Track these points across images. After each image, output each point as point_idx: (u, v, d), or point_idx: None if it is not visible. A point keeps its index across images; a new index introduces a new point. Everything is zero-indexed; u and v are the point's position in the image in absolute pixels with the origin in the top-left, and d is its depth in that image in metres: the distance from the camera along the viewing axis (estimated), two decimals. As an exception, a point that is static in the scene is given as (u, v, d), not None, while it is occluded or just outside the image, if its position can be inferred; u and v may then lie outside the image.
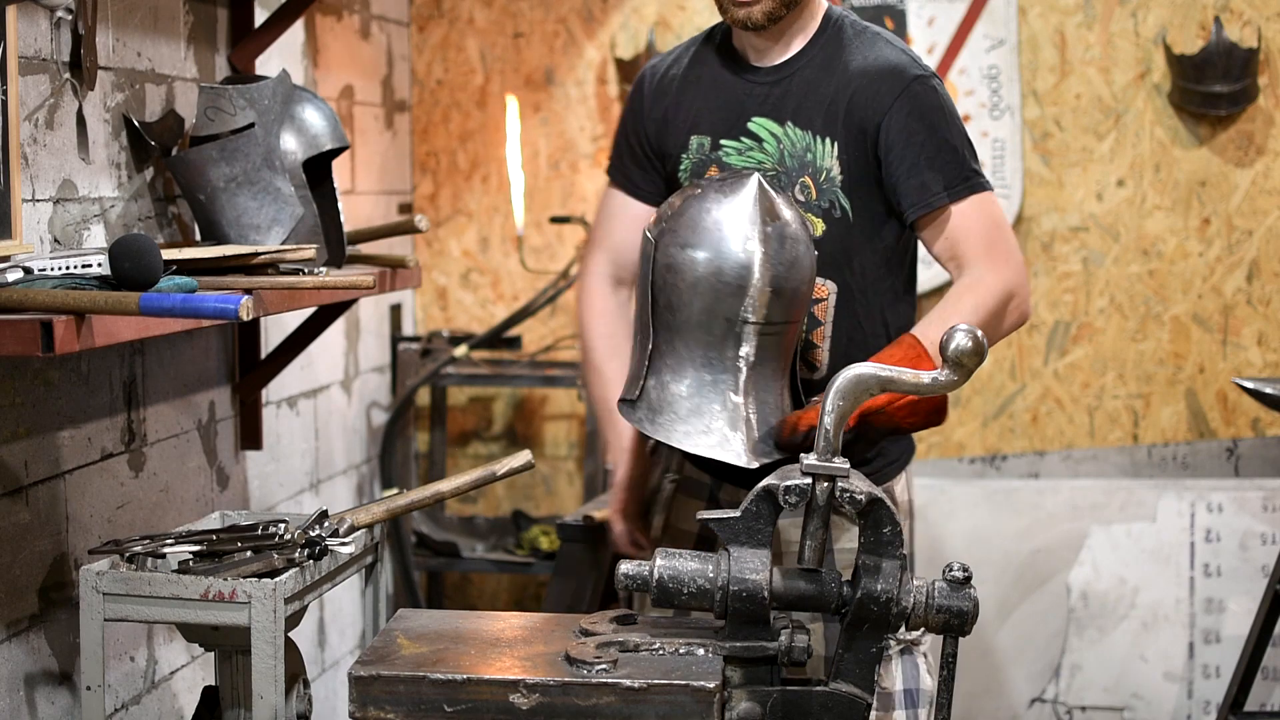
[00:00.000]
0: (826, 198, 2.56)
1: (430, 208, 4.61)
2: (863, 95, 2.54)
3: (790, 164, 2.58)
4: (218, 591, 2.36)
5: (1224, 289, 4.39)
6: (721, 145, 2.62)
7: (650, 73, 2.75)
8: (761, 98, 2.60)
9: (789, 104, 2.58)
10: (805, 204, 2.56)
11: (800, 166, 2.57)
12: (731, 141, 2.62)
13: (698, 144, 2.65)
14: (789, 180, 2.57)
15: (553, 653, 2.07)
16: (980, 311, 2.46)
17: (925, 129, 2.52)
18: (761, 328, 2.35)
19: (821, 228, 2.57)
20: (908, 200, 2.53)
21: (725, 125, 2.63)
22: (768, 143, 2.59)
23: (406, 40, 4.55)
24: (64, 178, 2.66)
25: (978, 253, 2.53)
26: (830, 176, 2.56)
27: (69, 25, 2.63)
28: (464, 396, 4.63)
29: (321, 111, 2.96)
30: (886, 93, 2.53)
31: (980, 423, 4.49)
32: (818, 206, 2.57)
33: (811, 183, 2.57)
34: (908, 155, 2.52)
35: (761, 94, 2.61)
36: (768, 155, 2.59)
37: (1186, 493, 4.26)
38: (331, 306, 3.31)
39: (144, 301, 2.16)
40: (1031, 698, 4.29)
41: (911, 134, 2.52)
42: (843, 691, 2.06)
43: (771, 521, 2.07)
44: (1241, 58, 4.26)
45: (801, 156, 2.57)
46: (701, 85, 2.67)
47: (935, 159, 2.52)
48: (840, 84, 2.56)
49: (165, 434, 3.05)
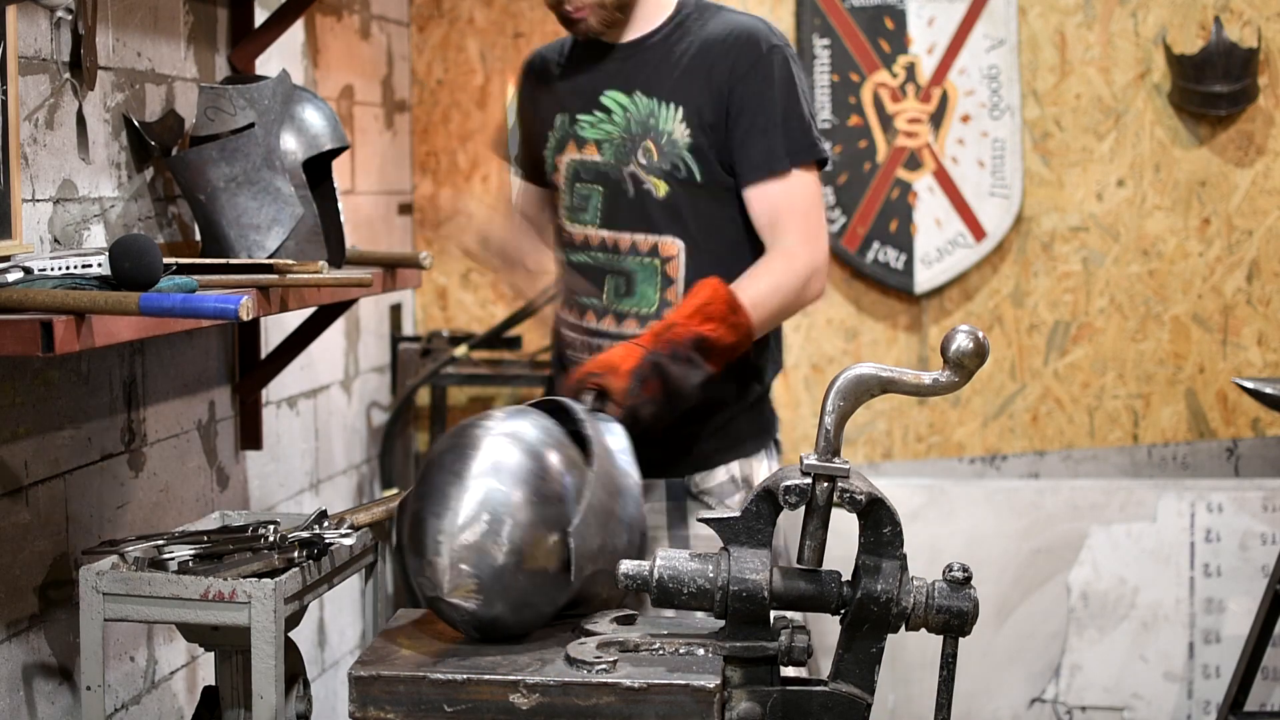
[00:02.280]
0: (668, 159, 2.70)
1: (430, 208, 4.61)
2: (721, 60, 2.68)
3: (635, 130, 2.72)
4: (218, 591, 2.36)
5: (1224, 289, 4.39)
6: (577, 120, 2.77)
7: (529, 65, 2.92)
8: (613, 72, 2.75)
9: (639, 75, 2.73)
10: (646, 166, 2.71)
11: (644, 131, 2.71)
12: (586, 115, 2.76)
13: (560, 121, 2.79)
14: (632, 145, 2.71)
15: (553, 653, 2.07)
16: (792, 278, 2.65)
17: (777, 97, 2.66)
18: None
19: (664, 188, 2.71)
20: (748, 163, 2.68)
21: (582, 101, 2.77)
22: (615, 113, 2.73)
23: (406, 40, 4.55)
24: (64, 178, 2.66)
25: (796, 225, 2.68)
26: (672, 139, 2.69)
27: (69, 25, 2.63)
28: (464, 396, 4.63)
29: (321, 111, 2.95)
30: (743, 58, 2.67)
31: (980, 423, 4.49)
32: (659, 168, 2.70)
33: (653, 145, 2.70)
34: (757, 120, 2.66)
35: (614, 69, 2.75)
36: (616, 126, 2.73)
37: (1186, 493, 4.26)
38: (331, 306, 3.31)
39: (144, 301, 2.16)
40: (1031, 698, 4.29)
41: (763, 100, 2.66)
42: (843, 691, 2.06)
43: (771, 521, 2.07)
44: (1241, 58, 4.27)
45: (645, 121, 2.71)
46: (566, 68, 2.83)
47: (780, 125, 2.67)
48: (696, 51, 2.70)
49: (165, 434, 3.05)
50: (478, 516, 2.07)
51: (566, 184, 2.79)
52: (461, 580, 2.06)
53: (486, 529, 2.06)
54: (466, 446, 2.13)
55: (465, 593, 2.06)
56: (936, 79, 4.42)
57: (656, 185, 2.70)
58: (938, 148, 4.43)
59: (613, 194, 2.74)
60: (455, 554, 2.06)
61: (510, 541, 2.07)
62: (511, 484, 2.09)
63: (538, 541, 2.08)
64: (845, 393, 2.05)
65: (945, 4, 4.41)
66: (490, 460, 2.10)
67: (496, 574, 2.07)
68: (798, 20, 4.44)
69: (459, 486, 2.08)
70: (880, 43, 4.43)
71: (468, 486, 2.08)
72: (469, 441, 2.13)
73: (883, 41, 4.43)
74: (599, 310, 2.77)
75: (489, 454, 2.11)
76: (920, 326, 4.50)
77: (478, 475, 2.09)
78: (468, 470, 2.09)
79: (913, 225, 4.44)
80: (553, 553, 2.10)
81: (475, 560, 2.06)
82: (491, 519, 2.07)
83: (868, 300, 4.51)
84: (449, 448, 2.14)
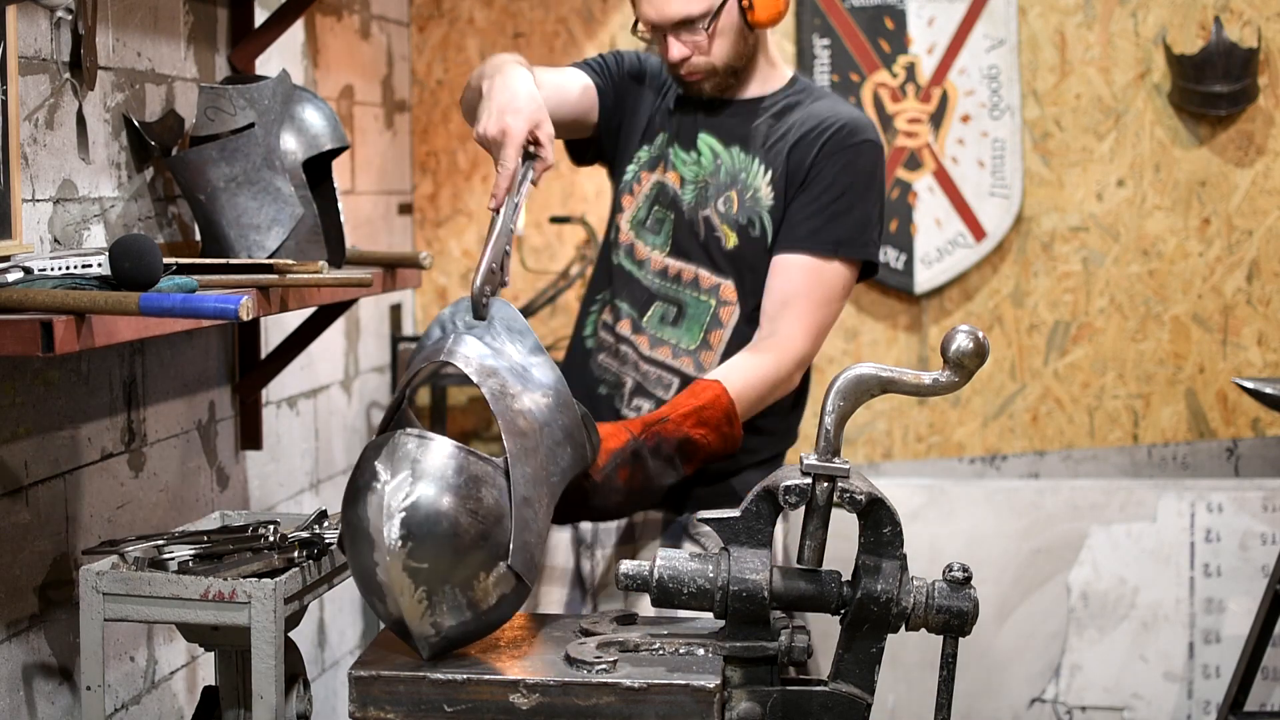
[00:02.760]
0: (746, 214, 2.71)
1: (430, 208, 4.61)
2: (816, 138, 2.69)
3: (723, 179, 2.73)
4: (218, 591, 2.36)
5: (1224, 289, 4.39)
6: (675, 149, 2.78)
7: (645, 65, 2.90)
8: (715, 123, 2.77)
9: (737, 132, 2.75)
10: (723, 214, 2.72)
11: (730, 182, 2.73)
12: (681, 151, 2.78)
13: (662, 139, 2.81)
14: (715, 191, 2.73)
15: (553, 653, 2.07)
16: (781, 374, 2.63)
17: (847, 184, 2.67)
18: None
19: (734, 240, 2.71)
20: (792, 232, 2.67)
21: (682, 135, 2.79)
22: (705, 157, 2.75)
23: (406, 40, 4.55)
24: (64, 178, 2.66)
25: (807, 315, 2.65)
26: (757, 196, 2.70)
27: (69, 25, 2.63)
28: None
29: (321, 111, 2.95)
30: (834, 140, 2.68)
31: (980, 423, 4.50)
32: (734, 220, 2.71)
33: (736, 197, 2.72)
34: (821, 198, 2.66)
35: (720, 121, 2.77)
36: (703, 169, 2.75)
37: (1186, 493, 4.26)
38: (331, 306, 3.31)
39: (144, 301, 2.15)
40: (1031, 698, 4.29)
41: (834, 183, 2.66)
42: (843, 691, 2.06)
43: (771, 521, 2.07)
44: (1241, 58, 4.27)
45: (735, 174, 2.73)
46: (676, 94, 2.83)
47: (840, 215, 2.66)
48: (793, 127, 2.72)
49: (165, 434, 3.05)
50: (405, 548, 2.00)
51: (645, 199, 2.81)
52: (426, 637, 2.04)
53: (429, 602, 2.01)
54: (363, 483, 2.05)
55: (430, 641, 2.04)
56: (936, 79, 4.42)
57: (727, 235, 2.72)
58: (938, 148, 4.43)
59: (685, 228, 2.75)
60: (411, 623, 2.02)
61: (460, 600, 2.02)
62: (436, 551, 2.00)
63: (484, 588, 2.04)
64: (845, 393, 2.05)
65: (945, 4, 4.41)
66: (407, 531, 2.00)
67: (458, 627, 2.04)
68: (798, 20, 4.44)
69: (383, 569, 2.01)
70: (880, 43, 4.43)
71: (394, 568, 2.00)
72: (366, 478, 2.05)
73: (883, 41, 4.43)
74: (635, 325, 2.77)
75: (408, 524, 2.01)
76: (920, 326, 4.51)
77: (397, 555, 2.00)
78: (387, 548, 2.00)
79: (913, 225, 4.44)
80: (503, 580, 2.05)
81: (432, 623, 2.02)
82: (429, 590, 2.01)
83: (868, 300, 4.51)
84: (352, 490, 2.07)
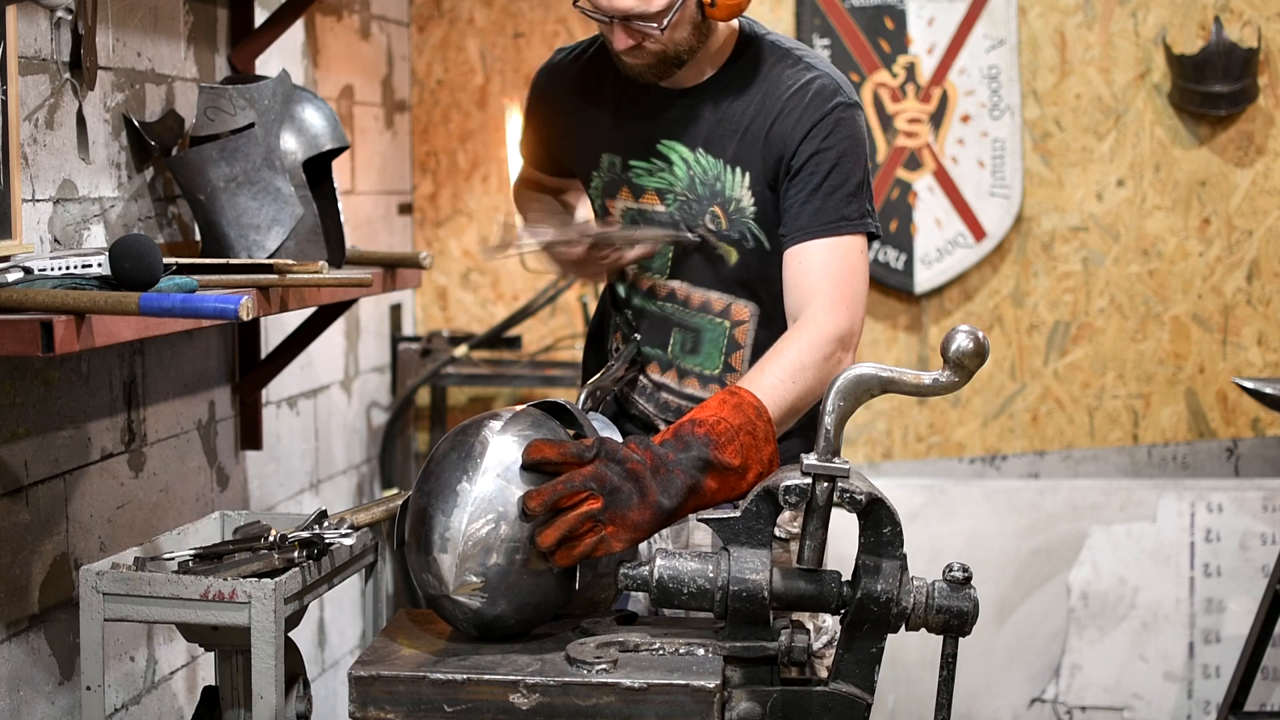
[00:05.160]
0: (737, 228, 2.53)
1: (430, 208, 4.61)
2: (785, 122, 2.49)
3: (701, 192, 2.54)
4: (218, 591, 2.36)
5: (1224, 289, 4.39)
6: (631, 166, 2.58)
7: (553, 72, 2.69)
8: (672, 121, 2.55)
9: (700, 130, 2.53)
10: (716, 233, 2.53)
11: (710, 195, 2.53)
12: (641, 162, 2.57)
13: (609, 162, 2.60)
14: (699, 208, 2.54)
15: (553, 653, 2.07)
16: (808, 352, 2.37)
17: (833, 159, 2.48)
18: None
19: (735, 256, 2.54)
20: (793, 225, 2.48)
21: (634, 145, 2.57)
22: (677, 165, 2.55)
23: (406, 40, 4.55)
24: (64, 178, 2.66)
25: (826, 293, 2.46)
26: (740, 207, 2.52)
27: (69, 25, 2.63)
28: (464, 396, 4.63)
29: (321, 111, 2.95)
30: (808, 118, 2.48)
31: (980, 423, 4.49)
32: (729, 236, 2.53)
33: (721, 212, 2.53)
34: (809, 182, 2.47)
35: (672, 117, 2.55)
36: (678, 179, 2.55)
37: (1186, 493, 4.26)
38: (331, 306, 3.31)
39: (144, 301, 2.16)
40: (1031, 698, 4.29)
41: (819, 161, 2.47)
42: (843, 691, 2.06)
43: (771, 521, 2.07)
44: (1241, 58, 4.27)
45: (712, 185, 2.53)
46: (606, 97, 2.60)
47: (832, 192, 2.48)
48: (759, 110, 2.50)
49: (165, 434, 3.05)
50: (485, 514, 2.07)
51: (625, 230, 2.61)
52: (466, 578, 2.06)
53: (493, 527, 2.06)
54: (473, 445, 2.12)
55: (470, 591, 2.06)
56: (936, 79, 4.42)
57: (728, 252, 2.55)
58: (938, 148, 4.43)
59: (682, 249, 2.58)
60: (461, 551, 2.06)
61: (516, 541, 2.07)
62: (518, 484, 2.09)
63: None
64: (845, 393, 2.05)
65: (945, 4, 4.41)
66: (497, 459, 2.10)
67: (501, 573, 2.07)
68: (798, 20, 4.44)
69: (466, 484, 2.08)
70: (880, 43, 4.43)
71: (475, 484, 2.08)
72: (475, 440, 2.13)
73: (883, 41, 4.43)
74: (664, 363, 2.63)
75: (496, 453, 2.11)
76: (920, 326, 4.50)
77: (485, 474, 2.09)
78: (475, 468, 2.09)
79: (913, 225, 4.44)
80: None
81: (480, 558, 2.06)
82: (498, 517, 2.07)
83: (868, 300, 4.50)
84: (455, 446, 2.14)
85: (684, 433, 2.15)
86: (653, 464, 2.11)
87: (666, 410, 2.63)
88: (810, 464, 2.03)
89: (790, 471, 2.08)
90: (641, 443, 2.13)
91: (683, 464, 2.12)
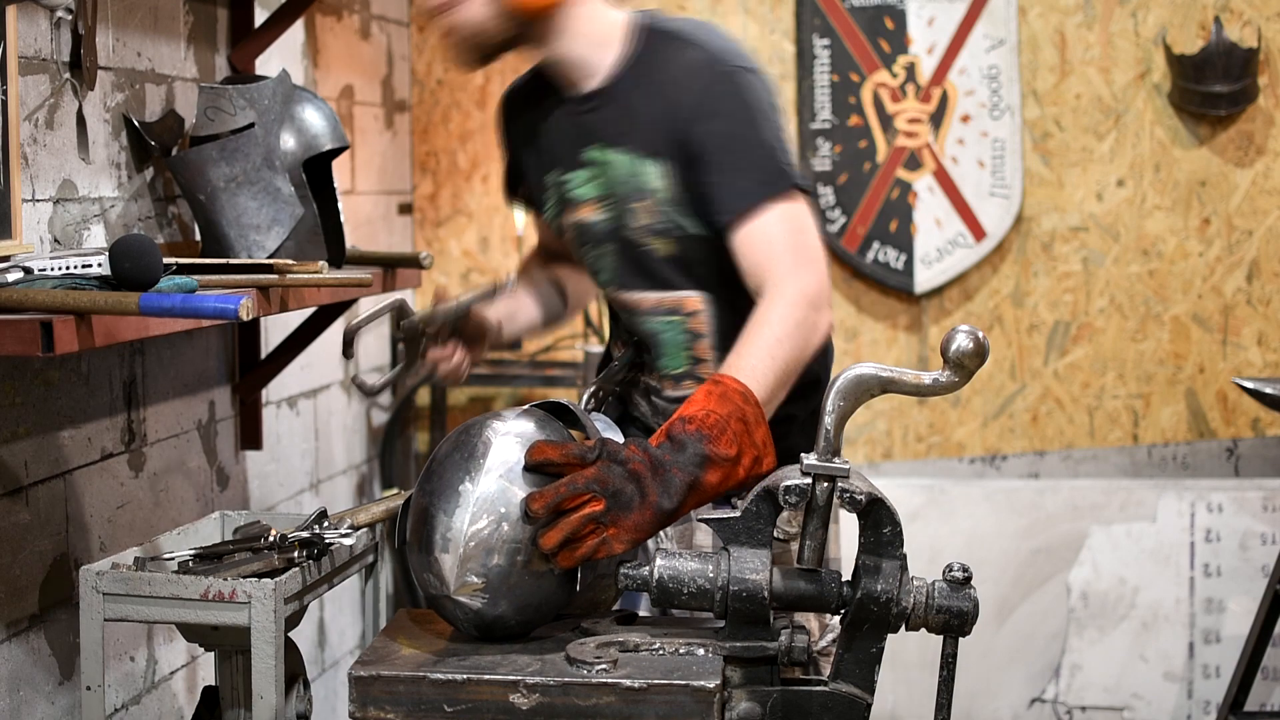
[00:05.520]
0: (664, 219, 2.48)
1: (430, 208, 4.61)
2: (678, 106, 2.43)
3: (622, 191, 2.50)
4: (218, 591, 2.36)
5: (1224, 289, 4.39)
6: (564, 180, 2.55)
7: (507, 100, 2.68)
8: (587, 126, 2.52)
9: (609, 129, 2.49)
10: (648, 228, 2.49)
11: (632, 192, 2.49)
12: (572, 173, 2.54)
13: (554, 182, 2.58)
14: (625, 207, 2.50)
15: (553, 653, 2.07)
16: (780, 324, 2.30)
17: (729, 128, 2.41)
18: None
19: (672, 247, 2.49)
20: (719, 208, 2.41)
21: (565, 159, 2.55)
22: (599, 169, 2.51)
23: (406, 40, 4.55)
24: (64, 178, 2.66)
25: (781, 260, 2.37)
26: (660, 198, 2.47)
27: (69, 25, 2.63)
28: (464, 396, 4.63)
29: (321, 111, 2.96)
30: (694, 95, 2.42)
31: (980, 423, 4.49)
32: (660, 228, 2.49)
33: (646, 207, 2.49)
34: (719, 159, 2.40)
35: (585, 122, 2.52)
36: (605, 181, 2.51)
37: (1186, 493, 4.26)
38: (331, 306, 3.31)
39: (144, 301, 2.16)
40: (1031, 698, 4.29)
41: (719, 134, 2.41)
42: (843, 691, 2.06)
43: (771, 521, 2.06)
44: (1241, 58, 4.27)
45: (629, 181, 2.49)
46: (542, 118, 2.59)
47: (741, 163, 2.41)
48: (657, 99, 2.46)
49: (165, 434, 3.05)
50: (486, 515, 2.07)
51: (576, 249, 2.59)
52: (467, 579, 2.06)
53: (495, 528, 2.06)
54: (476, 445, 2.12)
55: (471, 591, 2.06)
56: (936, 79, 4.42)
57: (656, 246, 2.49)
58: (938, 148, 4.43)
59: (621, 253, 2.54)
60: (462, 552, 2.06)
61: (518, 541, 2.07)
62: (521, 484, 2.09)
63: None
64: (845, 393, 2.05)
65: (945, 4, 4.41)
66: (500, 459, 2.10)
67: (503, 574, 2.07)
68: (798, 20, 4.44)
69: (469, 484, 2.08)
70: (880, 43, 4.43)
71: (478, 485, 2.08)
72: (478, 440, 2.13)
73: (883, 41, 4.43)
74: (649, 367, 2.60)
75: (499, 453, 2.10)
76: (920, 326, 4.51)
77: (487, 474, 2.09)
78: (478, 469, 2.09)
79: (913, 225, 4.44)
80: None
81: (482, 559, 2.06)
82: (500, 518, 2.07)
83: (868, 300, 4.51)
84: (457, 446, 2.14)
85: (676, 433, 2.13)
86: (651, 466, 2.11)
87: (656, 412, 2.64)
88: (810, 464, 2.03)
89: (790, 471, 2.08)
90: (640, 445, 2.13)
91: (681, 464, 2.11)
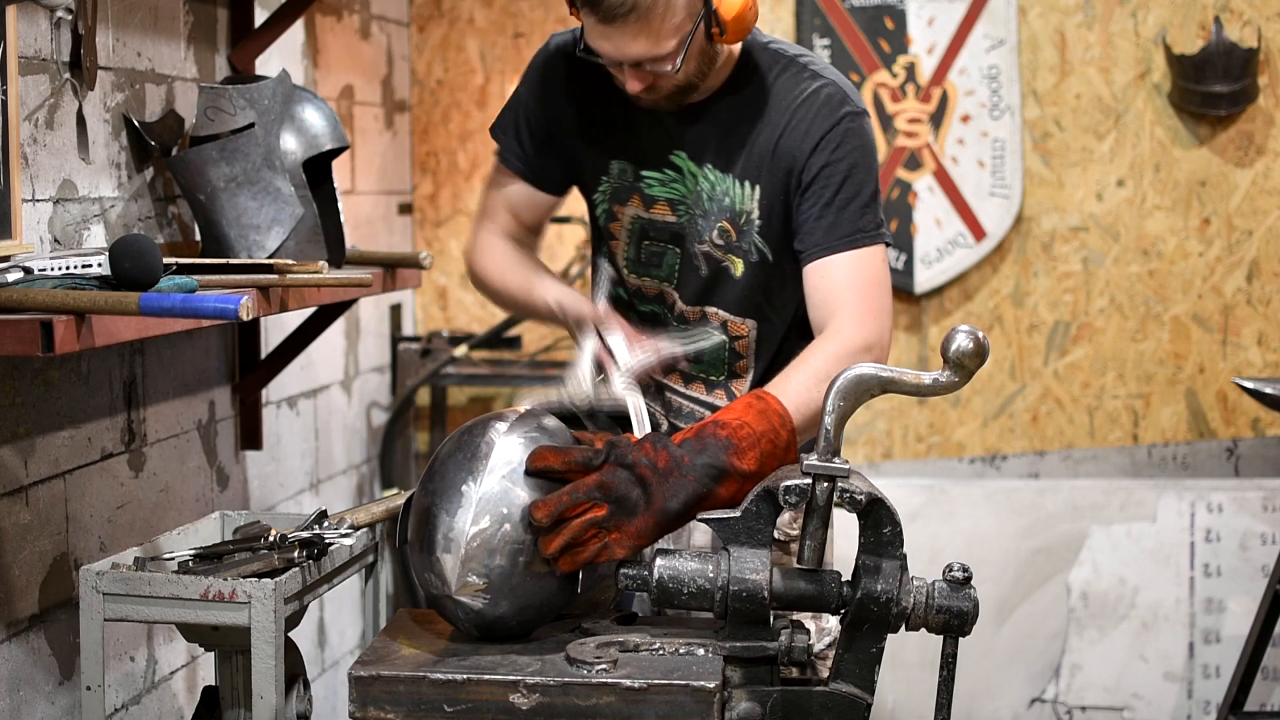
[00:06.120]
0: (745, 240, 2.52)
1: (430, 208, 4.61)
2: (793, 134, 2.47)
3: (709, 206, 2.52)
4: (218, 591, 2.36)
5: (1224, 289, 4.39)
6: (643, 176, 2.56)
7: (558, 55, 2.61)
8: (680, 135, 2.53)
9: (708, 145, 2.52)
10: (725, 246, 2.52)
11: (719, 210, 2.51)
12: (654, 172, 2.55)
13: (620, 169, 2.57)
14: (708, 223, 2.52)
15: (553, 653, 2.07)
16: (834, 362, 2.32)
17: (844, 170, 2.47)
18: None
19: (741, 268, 2.53)
20: (809, 240, 2.47)
21: (647, 155, 2.55)
22: (688, 179, 2.53)
23: (406, 40, 4.55)
24: (64, 178, 2.66)
25: (850, 304, 2.44)
26: (750, 220, 2.51)
27: (69, 25, 2.63)
28: (464, 396, 4.63)
29: (321, 111, 2.96)
30: (817, 129, 2.46)
31: (980, 423, 4.49)
32: (738, 248, 2.52)
33: (730, 227, 2.51)
34: (822, 195, 2.46)
35: (680, 131, 2.53)
36: (689, 191, 2.53)
37: (1186, 493, 4.26)
38: (331, 306, 3.31)
39: (144, 301, 2.16)
40: (1031, 698, 4.29)
41: (831, 174, 2.46)
42: (843, 691, 2.06)
43: (771, 521, 2.06)
44: (1241, 58, 4.27)
45: (720, 200, 2.51)
46: (614, 103, 2.54)
47: (846, 205, 2.47)
48: (766, 122, 2.49)
49: (165, 434, 3.05)
50: (489, 515, 2.07)
51: (631, 237, 2.59)
52: (468, 579, 2.06)
53: (496, 529, 2.06)
54: (478, 446, 2.12)
55: (472, 591, 2.06)
56: (936, 79, 4.42)
57: (735, 264, 2.53)
58: (938, 148, 4.43)
59: (687, 261, 2.56)
60: (464, 552, 2.06)
61: (519, 542, 2.07)
62: (523, 485, 2.09)
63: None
64: (845, 393, 2.05)
65: (945, 4, 4.41)
66: (502, 460, 2.10)
67: (504, 574, 2.07)
68: (798, 20, 4.44)
69: (471, 485, 2.08)
70: (880, 43, 4.43)
71: (480, 485, 2.08)
72: (481, 441, 2.13)
73: (883, 41, 4.43)
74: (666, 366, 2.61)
75: (501, 454, 2.10)
76: (920, 326, 4.50)
77: (490, 474, 2.09)
78: (480, 469, 2.09)
79: (913, 225, 4.44)
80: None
81: (483, 559, 2.06)
82: (502, 519, 2.07)
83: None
84: (460, 446, 2.14)
85: (706, 433, 2.13)
86: (665, 466, 2.10)
87: (669, 409, 2.63)
88: (810, 464, 2.03)
89: (790, 471, 2.08)
90: (659, 442, 2.12)
91: (696, 470, 2.10)
